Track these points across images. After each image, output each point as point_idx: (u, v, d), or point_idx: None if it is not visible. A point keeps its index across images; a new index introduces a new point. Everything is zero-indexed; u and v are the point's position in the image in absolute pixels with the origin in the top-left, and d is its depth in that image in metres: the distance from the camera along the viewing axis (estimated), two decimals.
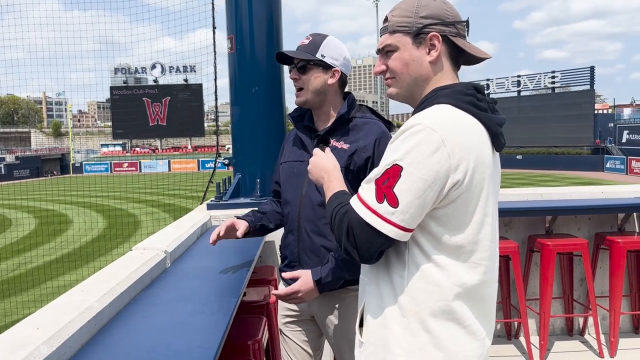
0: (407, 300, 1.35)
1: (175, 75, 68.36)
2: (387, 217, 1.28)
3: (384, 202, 1.28)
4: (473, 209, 1.34)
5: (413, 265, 1.35)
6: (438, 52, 1.42)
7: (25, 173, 54.92)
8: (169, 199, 28.19)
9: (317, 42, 2.16)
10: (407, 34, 1.43)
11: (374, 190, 1.31)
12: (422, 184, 1.26)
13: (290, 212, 2.21)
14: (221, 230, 2.16)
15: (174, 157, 62.67)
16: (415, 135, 1.28)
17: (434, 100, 1.38)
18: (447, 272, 1.34)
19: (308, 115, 2.28)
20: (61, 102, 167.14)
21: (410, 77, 1.46)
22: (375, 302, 1.42)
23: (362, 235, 1.31)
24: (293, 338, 2.27)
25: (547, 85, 45.88)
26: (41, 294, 11.20)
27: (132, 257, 2.38)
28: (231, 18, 3.91)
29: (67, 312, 1.60)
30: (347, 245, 1.34)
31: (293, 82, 2.20)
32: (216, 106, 5.31)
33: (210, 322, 1.73)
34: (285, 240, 2.25)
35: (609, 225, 4.38)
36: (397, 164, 1.28)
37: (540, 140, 43.82)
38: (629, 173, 35.98)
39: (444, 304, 1.34)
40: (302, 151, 2.22)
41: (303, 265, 2.16)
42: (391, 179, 1.28)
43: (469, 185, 1.30)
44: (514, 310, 4.06)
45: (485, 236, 1.38)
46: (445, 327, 1.35)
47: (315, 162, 1.69)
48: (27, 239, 17.76)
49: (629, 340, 4.22)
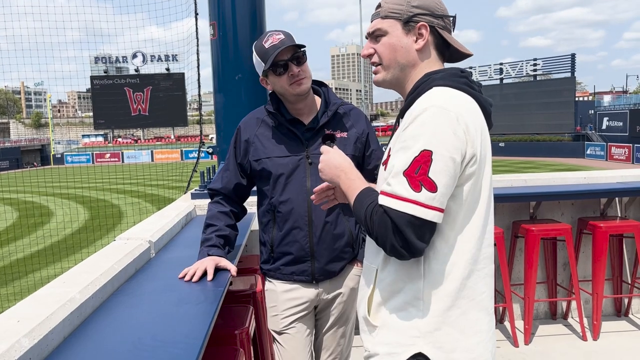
0: (423, 284, 1.38)
1: (157, 65, 67.47)
2: (429, 203, 1.28)
3: (422, 190, 1.28)
4: (482, 184, 1.39)
5: (429, 248, 1.36)
6: (425, 41, 1.46)
7: (5, 165, 53.97)
8: (152, 189, 27.94)
9: (289, 34, 2.14)
10: (397, 20, 1.47)
11: (406, 182, 1.29)
12: (452, 163, 1.29)
13: (295, 209, 2.16)
14: (210, 276, 2.02)
15: (156, 147, 62.11)
16: (433, 117, 1.30)
17: (430, 84, 1.41)
18: (461, 251, 1.37)
19: (283, 109, 2.22)
20: (40, 92, 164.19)
21: (396, 63, 1.48)
22: (388, 288, 1.43)
23: (410, 229, 1.28)
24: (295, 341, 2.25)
25: (529, 73, 46.29)
26: (22, 287, 11.06)
27: (115, 247, 2.35)
28: (213, 4, 3.86)
29: (48, 304, 1.56)
30: (395, 244, 1.30)
31: (297, 75, 2.10)
32: (199, 95, 5.25)
33: (197, 312, 1.71)
34: (287, 238, 2.19)
35: (591, 210, 4.43)
36: (425, 149, 1.28)
37: (522, 128, 44.29)
38: (609, 159, 36.50)
39: (459, 282, 1.38)
40: (295, 145, 2.18)
41: (318, 259, 2.18)
42: (423, 166, 1.28)
43: (480, 160, 1.36)
44: (499, 295, 4.10)
45: (491, 210, 1.44)
46: (459, 305, 1.38)
47: (327, 160, 1.59)
48: (7, 232, 17.50)
49: (612, 323, 4.30)
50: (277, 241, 2.22)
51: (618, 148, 36.48)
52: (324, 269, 2.21)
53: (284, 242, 2.20)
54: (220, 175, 2.32)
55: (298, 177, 2.16)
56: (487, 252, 1.43)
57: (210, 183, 2.41)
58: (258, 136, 2.22)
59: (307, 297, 2.25)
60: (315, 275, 2.21)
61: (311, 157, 2.15)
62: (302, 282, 2.24)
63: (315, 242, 2.18)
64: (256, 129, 2.23)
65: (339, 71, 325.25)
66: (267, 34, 2.13)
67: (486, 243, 1.43)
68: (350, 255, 2.27)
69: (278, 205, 2.19)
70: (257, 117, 2.27)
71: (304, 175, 2.16)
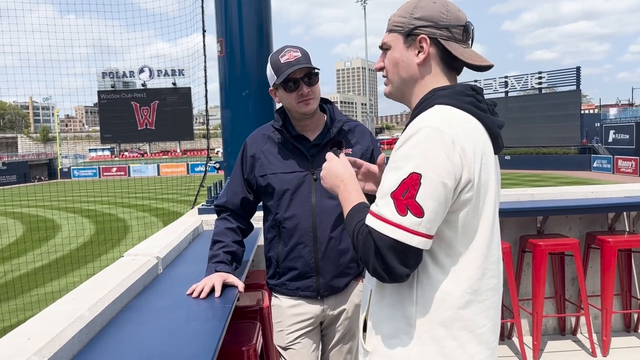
0: (415, 310, 1.31)
1: (163, 79, 67.95)
2: (414, 228, 1.22)
3: (408, 214, 1.22)
4: (482, 210, 1.32)
5: (423, 274, 1.31)
6: (425, 55, 1.40)
7: (12, 179, 54.30)
8: (159, 203, 28.00)
9: (306, 52, 2.16)
10: (400, 33, 1.43)
11: (392, 205, 1.23)
12: (443, 188, 1.22)
13: (300, 224, 2.17)
14: (217, 292, 2.01)
15: (163, 161, 62.28)
16: (425, 139, 1.24)
17: (434, 101, 1.35)
18: (457, 278, 1.30)
19: (289, 125, 2.24)
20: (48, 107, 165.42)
21: (399, 77, 1.45)
22: (381, 312, 1.38)
23: (392, 253, 1.23)
24: (300, 356, 2.26)
25: (534, 86, 46.22)
26: (29, 302, 11.06)
27: (123, 263, 2.35)
28: (221, 21, 3.90)
29: (58, 321, 1.57)
30: (376, 266, 1.25)
31: (306, 95, 2.13)
32: (206, 110, 5.28)
33: (205, 329, 1.71)
34: (292, 254, 2.21)
35: (599, 224, 4.41)
36: (414, 172, 1.22)
37: (528, 141, 44.13)
38: (616, 172, 36.30)
39: (454, 312, 1.30)
40: (301, 161, 2.20)
41: (323, 274, 2.19)
42: (411, 189, 1.22)
43: (478, 186, 1.28)
44: (507, 310, 4.07)
45: (495, 239, 1.36)
46: (455, 337, 1.31)
47: (330, 168, 1.57)
48: (14, 246, 17.53)
49: (621, 339, 4.25)
50: (283, 256, 2.23)
51: (625, 161, 36.30)
52: (328, 284, 2.22)
53: (289, 257, 2.22)
54: (226, 191, 2.34)
55: (303, 193, 2.18)
56: (490, 283, 1.35)
57: (217, 199, 2.42)
58: (264, 152, 2.24)
59: (312, 312, 2.25)
60: (320, 290, 2.22)
61: (316, 173, 2.17)
62: (307, 297, 2.25)
63: (320, 258, 2.19)
64: (262, 145, 2.26)
65: (344, 85, 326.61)
66: (285, 50, 2.15)
67: (490, 274, 1.35)
68: (355, 271, 2.27)
69: (283, 221, 2.20)
70: (263, 134, 2.29)
71: (309, 191, 2.17)
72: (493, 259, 1.36)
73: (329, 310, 2.28)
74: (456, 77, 1.46)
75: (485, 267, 1.34)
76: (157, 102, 64.98)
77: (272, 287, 2.33)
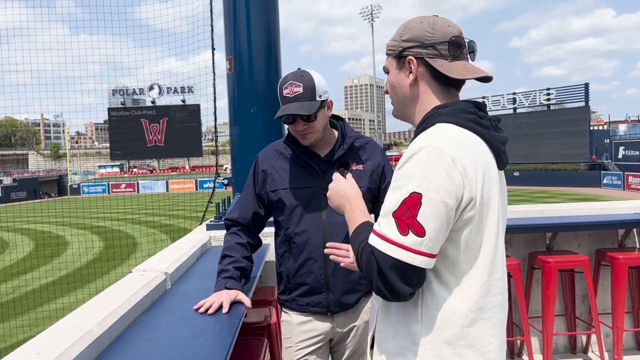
0: (420, 328, 1.31)
1: (172, 96, 68.64)
2: (415, 248, 1.22)
3: (409, 234, 1.23)
4: (485, 227, 1.31)
5: (428, 293, 1.31)
6: (414, 75, 1.42)
7: (22, 195, 54.74)
8: (167, 219, 28.09)
9: (310, 85, 2.13)
10: (393, 57, 1.47)
11: (394, 224, 1.24)
12: (444, 207, 1.23)
13: (310, 240, 2.19)
14: (225, 309, 2.00)
15: (171, 178, 62.62)
16: (425, 158, 1.25)
17: (435, 119, 1.36)
18: (462, 297, 1.30)
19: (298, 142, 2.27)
20: (59, 124, 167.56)
21: (397, 99, 1.49)
22: (386, 329, 1.38)
23: (394, 273, 1.23)
24: None
25: (542, 103, 46.16)
26: (38, 318, 11.08)
27: (132, 279, 2.36)
28: (230, 39, 3.95)
29: (67, 337, 1.58)
30: (379, 285, 1.26)
31: (302, 131, 2.15)
32: (215, 127, 5.33)
33: (212, 345, 1.71)
34: (302, 269, 2.21)
35: (609, 241, 4.37)
36: (415, 192, 1.23)
37: (537, 157, 43.97)
38: (626, 189, 36.02)
39: (459, 330, 1.30)
40: (312, 176, 2.22)
41: (333, 290, 2.20)
42: (412, 209, 1.23)
43: (480, 204, 1.28)
44: (517, 328, 4.03)
45: (499, 256, 1.36)
46: (460, 355, 1.31)
47: (335, 188, 1.60)
48: (23, 262, 17.62)
49: (633, 357, 4.19)
50: (293, 272, 2.24)
51: (636, 177, 36.03)
52: (338, 300, 2.21)
53: (299, 272, 2.22)
54: (238, 206, 2.35)
55: (314, 208, 2.19)
56: (496, 301, 1.35)
57: (227, 213, 2.43)
58: (275, 167, 2.26)
59: (321, 329, 2.25)
60: (330, 306, 2.22)
61: (327, 189, 2.17)
62: (317, 313, 2.24)
63: (330, 274, 2.19)
64: (274, 160, 2.28)
65: (352, 102, 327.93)
66: (288, 82, 2.14)
67: (495, 291, 1.34)
68: (366, 287, 2.27)
69: (294, 236, 2.21)
70: (275, 149, 2.32)
71: (320, 207, 2.18)
72: (498, 275, 1.36)
73: (339, 328, 2.28)
74: (456, 93, 1.46)
75: (490, 284, 1.33)
76: (167, 119, 65.55)
77: (283, 303, 2.33)
